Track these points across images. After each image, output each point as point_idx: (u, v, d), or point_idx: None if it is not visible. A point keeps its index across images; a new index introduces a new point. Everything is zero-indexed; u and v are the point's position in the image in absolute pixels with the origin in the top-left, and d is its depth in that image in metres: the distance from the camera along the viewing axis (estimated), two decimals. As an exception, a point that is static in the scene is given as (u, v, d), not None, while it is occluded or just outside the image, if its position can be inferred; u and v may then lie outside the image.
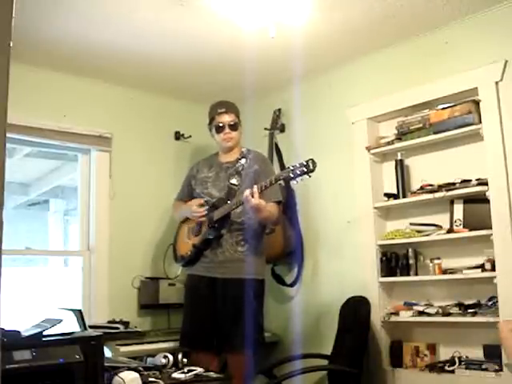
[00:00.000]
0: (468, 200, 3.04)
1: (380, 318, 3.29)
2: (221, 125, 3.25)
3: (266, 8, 2.72)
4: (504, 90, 2.88)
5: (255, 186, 2.84)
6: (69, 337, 2.21)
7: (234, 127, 3.26)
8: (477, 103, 2.98)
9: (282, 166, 3.77)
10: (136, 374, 2.38)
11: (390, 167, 3.42)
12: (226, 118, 3.25)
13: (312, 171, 2.65)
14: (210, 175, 3.30)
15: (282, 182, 3.47)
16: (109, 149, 3.78)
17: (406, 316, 3.19)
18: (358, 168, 3.53)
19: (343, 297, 3.40)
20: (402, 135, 3.30)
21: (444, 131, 3.08)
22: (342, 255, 3.58)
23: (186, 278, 3.36)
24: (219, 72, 3.71)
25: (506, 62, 2.86)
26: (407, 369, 3.20)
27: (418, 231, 3.21)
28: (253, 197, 2.81)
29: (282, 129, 4.02)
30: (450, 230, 3.06)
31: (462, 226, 3.03)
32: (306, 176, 2.68)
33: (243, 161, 3.23)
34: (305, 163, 2.65)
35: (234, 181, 3.18)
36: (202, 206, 3.20)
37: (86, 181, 3.79)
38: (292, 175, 2.70)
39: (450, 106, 3.07)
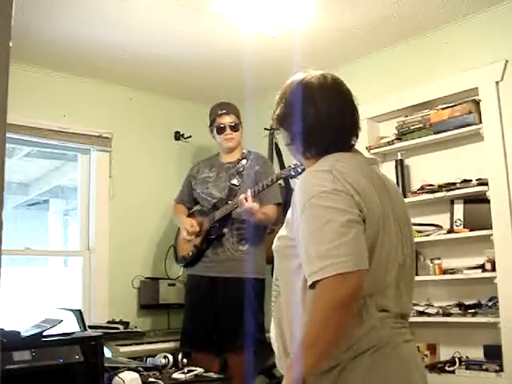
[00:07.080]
0: (468, 200, 3.04)
1: (380, 318, 3.28)
2: (222, 126, 3.27)
3: (266, 8, 2.72)
4: (504, 90, 2.87)
5: (249, 190, 2.87)
6: (69, 337, 2.21)
7: (234, 128, 3.28)
8: (477, 103, 2.97)
9: (282, 166, 3.76)
10: (136, 375, 2.38)
11: (390, 167, 3.42)
12: (227, 119, 3.27)
13: None
14: (210, 175, 3.31)
15: (281, 181, 3.48)
16: (109, 149, 3.78)
17: (406, 316, 3.18)
18: (358, 168, 3.52)
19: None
20: (402, 135, 3.29)
21: (444, 131, 3.07)
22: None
23: (186, 278, 3.36)
24: (219, 72, 3.71)
25: (506, 61, 2.86)
26: (407, 369, 3.19)
27: (419, 231, 3.20)
28: (247, 200, 2.83)
29: (282, 129, 4.00)
30: (451, 230, 3.05)
31: (462, 226, 3.03)
32: None
33: (244, 161, 3.24)
34: None
35: (234, 181, 3.19)
36: (192, 233, 3.21)
37: (86, 181, 3.79)
38: (293, 173, 2.73)
39: (451, 106, 3.06)
